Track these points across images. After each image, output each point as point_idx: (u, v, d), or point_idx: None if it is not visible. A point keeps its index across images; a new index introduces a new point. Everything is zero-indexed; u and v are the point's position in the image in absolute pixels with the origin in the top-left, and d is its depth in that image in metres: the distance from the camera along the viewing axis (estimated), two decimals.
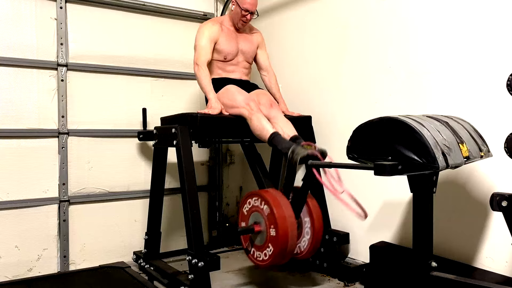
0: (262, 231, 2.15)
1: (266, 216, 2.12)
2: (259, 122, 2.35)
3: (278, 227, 2.05)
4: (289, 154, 2.15)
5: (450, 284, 1.64)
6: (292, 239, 2.10)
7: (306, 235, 2.34)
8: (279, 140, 2.25)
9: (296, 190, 2.26)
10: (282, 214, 2.07)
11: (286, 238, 2.07)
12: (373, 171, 1.53)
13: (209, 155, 3.42)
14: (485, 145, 1.80)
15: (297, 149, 2.13)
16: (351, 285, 2.43)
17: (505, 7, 1.92)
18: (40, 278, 2.51)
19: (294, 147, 2.15)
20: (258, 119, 2.36)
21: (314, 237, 2.30)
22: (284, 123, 2.46)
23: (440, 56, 2.18)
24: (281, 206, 2.10)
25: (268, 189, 2.26)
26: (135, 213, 3.02)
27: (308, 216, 2.32)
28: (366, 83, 2.55)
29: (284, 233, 2.06)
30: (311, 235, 2.31)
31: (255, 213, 2.20)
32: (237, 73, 2.73)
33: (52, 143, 2.73)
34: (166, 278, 2.44)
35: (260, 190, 2.28)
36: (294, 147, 2.15)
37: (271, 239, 2.10)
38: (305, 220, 2.34)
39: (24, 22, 2.64)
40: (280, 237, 2.05)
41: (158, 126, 2.63)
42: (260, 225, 2.16)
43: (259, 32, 2.88)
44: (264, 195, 2.14)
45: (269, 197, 2.13)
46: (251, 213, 2.23)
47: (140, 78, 3.07)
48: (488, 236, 2.01)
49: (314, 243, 2.30)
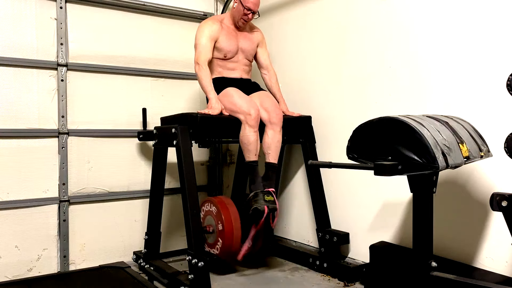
0: (213, 231, 2.62)
1: (216, 218, 2.58)
2: (247, 139, 2.44)
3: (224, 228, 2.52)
4: (251, 196, 2.41)
5: (450, 284, 1.64)
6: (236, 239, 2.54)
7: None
8: (252, 171, 2.46)
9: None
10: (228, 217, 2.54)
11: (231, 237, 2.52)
12: (373, 171, 1.53)
13: (209, 155, 3.42)
14: (485, 145, 1.80)
15: (258, 197, 2.38)
16: (351, 285, 2.44)
17: (505, 7, 1.92)
18: (40, 278, 2.51)
19: (258, 193, 2.40)
20: (248, 136, 2.44)
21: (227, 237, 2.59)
22: (275, 142, 2.51)
23: (440, 56, 2.18)
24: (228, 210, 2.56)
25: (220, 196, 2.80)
26: (135, 213, 3.02)
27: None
28: (366, 83, 2.55)
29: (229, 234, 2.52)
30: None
31: (208, 216, 2.66)
32: (238, 71, 2.73)
33: (52, 143, 2.73)
34: (166, 278, 2.44)
35: (212, 197, 2.76)
36: (258, 192, 2.40)
37: (219, 234, 2.55)
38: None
39: (24, 22, 2.64)
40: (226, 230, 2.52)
41: (158, 126, 2.63)
42: (212, 226, 2.63)
43: (260, 31, 2.88)
44: (215, 201, 2.64)
45: (218, 202, 2.62)
46: (206, 216, 2.69)
47: (140, 78, 3.07)
48: (488, 236, 2.01)
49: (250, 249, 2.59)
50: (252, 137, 2.43)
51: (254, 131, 2.44)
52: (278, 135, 2.52)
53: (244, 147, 2.46)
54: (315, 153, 2.82)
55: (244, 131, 2.44)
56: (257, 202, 2.36)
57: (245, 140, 2.44)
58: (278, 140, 2.52)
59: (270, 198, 2.39)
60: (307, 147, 2.79)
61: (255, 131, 2.45)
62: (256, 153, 2.45)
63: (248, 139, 2.43)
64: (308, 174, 2.80)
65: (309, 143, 2.80)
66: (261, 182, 2.45)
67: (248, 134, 2.43)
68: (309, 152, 2.78)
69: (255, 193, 2.40)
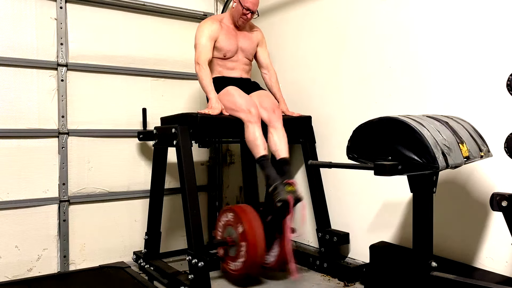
0: (235, 244, 2.42)
1: (238, 230, 2.39)
2: (253, 136, 2.39)
3: (249, 243, 2.32)
4: (271, 190, 2.28)
5: (450, 284, 1.64)
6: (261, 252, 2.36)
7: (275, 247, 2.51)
8: (266, 166, 2.35)
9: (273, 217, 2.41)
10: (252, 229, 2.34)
11: (256, 252, 2.33)
12: (373, 171, 1.53)
13: (209, 155, 3.42)
14: (485, 145, 1.80)
15: (279, 189, 2.25)
16: (351, 285, 2.44)
17: (505, 7, 1.92)
18: (40, 278, 2.51)
19: (278, 185, 2.26)
20: (253, 132, 2.39)
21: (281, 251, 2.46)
22: (280, 137, 2.48)
23: (440, 56, 2.18)
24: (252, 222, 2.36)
25: (242, 205, 2.53)
26: (135, 213, 3.02)
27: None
28: (366, 83, 2.55)
29: (253, 248, 2.33)
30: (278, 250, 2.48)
31: (229, 227, 2.48)
32: (237, 71, 2.73)
33: (52, 143, 2.73)
34: (166, 278, 2.43)
35: (234, 206, 2.55)
36: (277, 185, 2.26)
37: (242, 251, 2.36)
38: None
39: (24, 22, 2.64)
40: (250, 251, 2.33)
41: (158, 126, 2.63)
42: (233, 238, 2.44)
43: (260, 30, 2.88)
44: (237, 211, 2.43)
45: (241, 212, 2.41)
46: (226, 227, 2.51)
47: (140, 78, 3.07)
48: (488, 236, 2.01)
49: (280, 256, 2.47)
50: (257, 132, 2.40)
51: (258, 126, 2.42)
52: (281, 131, 2.50)
53: (252, 144, 2.41)
54: (315, 153, 2.82)
55: (248, 130, 2.42)
56: (279, 195, 2.23)
57: (251, 137, 2.41)
58: (283, 134, 2.50)
59: (292, 189, 2.27)
60: (307, 147, 2.79)
61: (259, 126, 2.42)
62: (264, 147, 2.40)
63: (254, 135, 2.40)
64: (308, 174, 2.80)
65: (309, 143, 2.80)
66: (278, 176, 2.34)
67: (252, 131, 2.40)
68: (309, 152, 2.78)
69: (274, 186, 2.27)
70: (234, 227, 2.43)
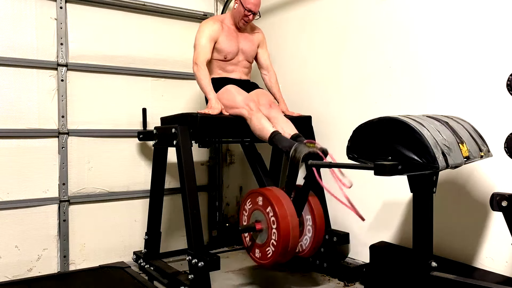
0: (263, 230, 2.13)
1: (268, 214, 2.10)
2: (259, 122, 2.35)
3: (280, 226, 2.03)
4: (292, 152, 2.12)
5: (450, 284, 1.64)
6: (294, 238, 2.08)
7: (308, 233, 2.34)
8: (280, 139, 2.23)
9: (298, 189, 2.25)
10: (284, 213, 2.05)
11: (288, 237, 2.05)
12: (373, 171, 1.53)
13: (209, 155, 3.42)
14: (485, 145, 1.80)
15: (300, 147, 2.10)
16: (351, 285, 2.43)
17: (505, 7, 1.92)
18: (40, 278, 2.51)
19: (297, 145, 2.12)
20: (258, 119, 2.36)
21: (316, 235, 2.30)
22: (284, 122, 2.45)
23: (440, 56, 2.18)
24: (283, 205, 2.07)
25: (270, 187, 2.25)
26: (135, 213, 3.02)
27: (310, 214, 2.32)
28: (366, 83, 2.55)
29: (286, 232, 2.04)
30: (312, 233, 2.31)
31: (256, 211, 2.19)
32: (237, 73, 2.73)
33: (52, 143, 2.73)
34: (166, 278, 2.44)
35: (262, 189, 2.25)
36: (296, 145, 2.12)
37: (273, 238, 2.08)
38: (306, 218, 2.33)
39: (24, 22, 2.64)
40: (282, 236, 2.03)
41: (158, 126, 2.63)
42: (262, 223, 2.15)
43: (261, 31, 2.87)
44: (266, 194, 2.12)
45: (271, 195, 2.11)
46: (252, 212, 2.22)
47: (140, 78, 3.07)
48: (488, 236, 2.01)
49: (315, 241, 2.30)
50: (262, 118, 2.36)
51: (261, 114, 2.39)
52: (283, 117, 2.47)
53: (260, 128, 2.33)
54: None
55: (252, 121, 2.37)
56: (302, 152, 2.07)
57: (256, 123, 2.35)
58: (286, 120, 2.46)
59: (313, 145, 2.12)
60: None
61: (262, 114, 2.39)
62: (272, 125, 2.36)
63: (259, 121, 2.35)
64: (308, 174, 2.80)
65: None
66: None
67: (256, 119, 2.35)
68: None
69: (294, 148, 2.11)
70: (262, 211, 2.15)
